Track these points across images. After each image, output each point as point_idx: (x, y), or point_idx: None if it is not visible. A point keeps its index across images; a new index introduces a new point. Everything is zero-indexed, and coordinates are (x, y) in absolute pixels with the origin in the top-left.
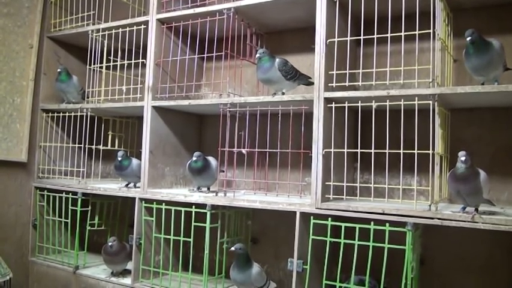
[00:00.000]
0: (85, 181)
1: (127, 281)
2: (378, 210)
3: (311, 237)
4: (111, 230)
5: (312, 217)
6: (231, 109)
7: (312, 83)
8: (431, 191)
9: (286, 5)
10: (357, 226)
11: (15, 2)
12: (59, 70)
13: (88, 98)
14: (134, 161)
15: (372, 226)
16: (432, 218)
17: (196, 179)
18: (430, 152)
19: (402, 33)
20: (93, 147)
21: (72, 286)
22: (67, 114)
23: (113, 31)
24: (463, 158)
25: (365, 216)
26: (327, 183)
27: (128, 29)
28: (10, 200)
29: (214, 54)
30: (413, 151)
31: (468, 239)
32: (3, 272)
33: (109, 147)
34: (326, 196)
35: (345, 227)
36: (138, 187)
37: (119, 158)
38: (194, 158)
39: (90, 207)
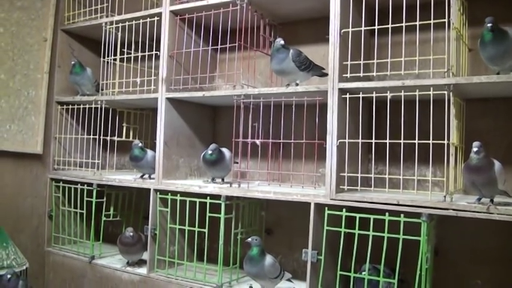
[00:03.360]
0: (100, 172)
1: (142, 270)
2: (392, 201)
3: (325, 228)
4: (126, 221)
5: (326, 208)
6: (244, 100)
7: (326, 74)
8: (446, 181)
9: None
10: (372, 217)
11: None
12: (73, 63)
13: (102, 90)
14: (149, 152)
15: (386, 217)
16: (447, 209)
17: (211, 170)
18: (445, 142)
19: (417, 23)
20: (108, 138)
21: (88, 275)
22: (81, 106)
23: (127, 23)
24: (475, 149)
25: (380, 207)
26: (341, 174)
27: (141, 21)
28: (26, 192)
29: (227, 45)
30: (428, 141)
31: (483, 230)
32: (20, 261)
33: (124, 138)
34: (340, 187)
35: (360, 218)
36: (153, 178)
37: (134, 149)
38: (210, 152)
39: (105, 198)
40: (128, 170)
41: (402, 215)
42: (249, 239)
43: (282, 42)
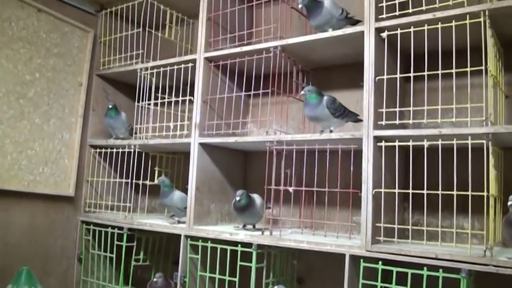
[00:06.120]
0: (131, 216)
1: None
2: (430, 254)
3: (361, 281)
4: (156, 265)
5: (361, 260)
6: (277, 147)
7: (360, 120)
8: (486, 235)
9: (333, 43)
10: (409, 271)
11: (66, 42)
12: (110, 106)
13: (136, 134)
14: (177, 192)
15: (425, 272)
16: (487, 265)
17: (241, 217)
18: (485, 194)
19: (453, 70)
20: (140, 182)
21: None
22: (115, 150)
23: (161, 69)
24: (510, 202)
25: (417, 261)
26: (377, 224)
27: (175, 67)
28: (57, 234)
29: (260, 91)
30: (467, 193)
31: None
32: None
33: (155, 182)
34: (376, 238)
35: (397, 271)
36: (182, 222)
37: (159, 183)
38: (237, 198)
39: (135, 242)
40: (158, 214)
41: (441, 270)
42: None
43: (307, 89)
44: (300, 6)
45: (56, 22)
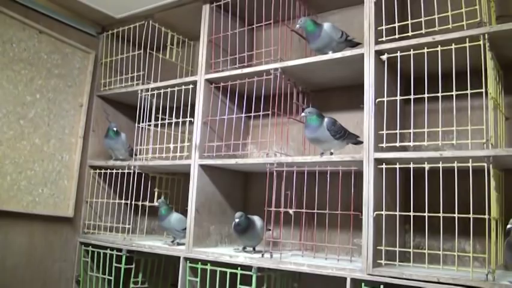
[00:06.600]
0: (130, 237)
1: None
2: (432, 278)
3: None
4: None
5: (363, 284)
6: (277, 168)
7: (361, 142)
8: (487, 258)
9: (332, 65)
10: None
11: (67, 63)
12: (115, 129)
13: (136, 155)
14: (174, 214)
15: None
16: None
17: (241, 238)
18: (486, 217)
19: (454, 93)
20: (139, 203)
21: None
22: (114, 171)
23: (162, 90)
24: (510, 226)
25: (419, 285)
26: (378, 247)
27: (176, 88)
28: (55, 255)
29: (261, 113)
30: (468, 215)
31: None
32: None
33: (155, 203)
34: (378, 261)
35: None
36: (181, 244)
37: (157, 205)
38: (237, 220)
39: (134, 265)
40: (157, 235)
41: None
42: None
43: (307, 111)
44: (297, 26)
45: (57, 43)
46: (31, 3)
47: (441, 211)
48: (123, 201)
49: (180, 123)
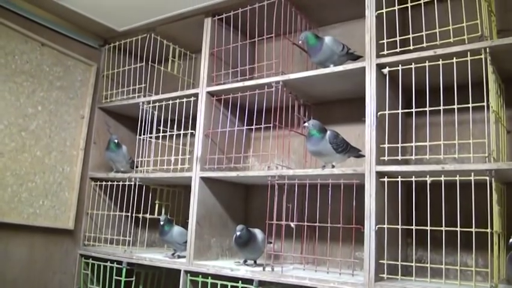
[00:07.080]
0: (130, 250)
1: None
2: None
3: None
4: None
5: None
6: (279, 181)
7: (363, 156)
8: (490, 272)
9: (334, 78)
10: None
11: (69, 75)
12: (116, 141)
13: (137, 167)
14: (176, 228)
15: None
16: None
17: (242, 251)
18: (489, 231)
19: (455, 106)
20: (140, 215)
21: None
22: (115, 183)
23: (163, 103)
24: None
25: None
26: (380, 261)
27: (178, 100)
28: (55, 268)
29: (262, 125)
30: (470, 229)
31: None
32: None
33: (156, 216)
34: (380, 275)
35: None
36: (182, 256)
37: (161, 222)
38: (238, 233)
39: (134, 277)
40: (158, 248)
41: None
42: None
43: (310, 124)
44: (300, 41)
45: (60, 56)
46: (34, 15)
47: (443, 225)
48: (123, 213)
49: (182, 135)
